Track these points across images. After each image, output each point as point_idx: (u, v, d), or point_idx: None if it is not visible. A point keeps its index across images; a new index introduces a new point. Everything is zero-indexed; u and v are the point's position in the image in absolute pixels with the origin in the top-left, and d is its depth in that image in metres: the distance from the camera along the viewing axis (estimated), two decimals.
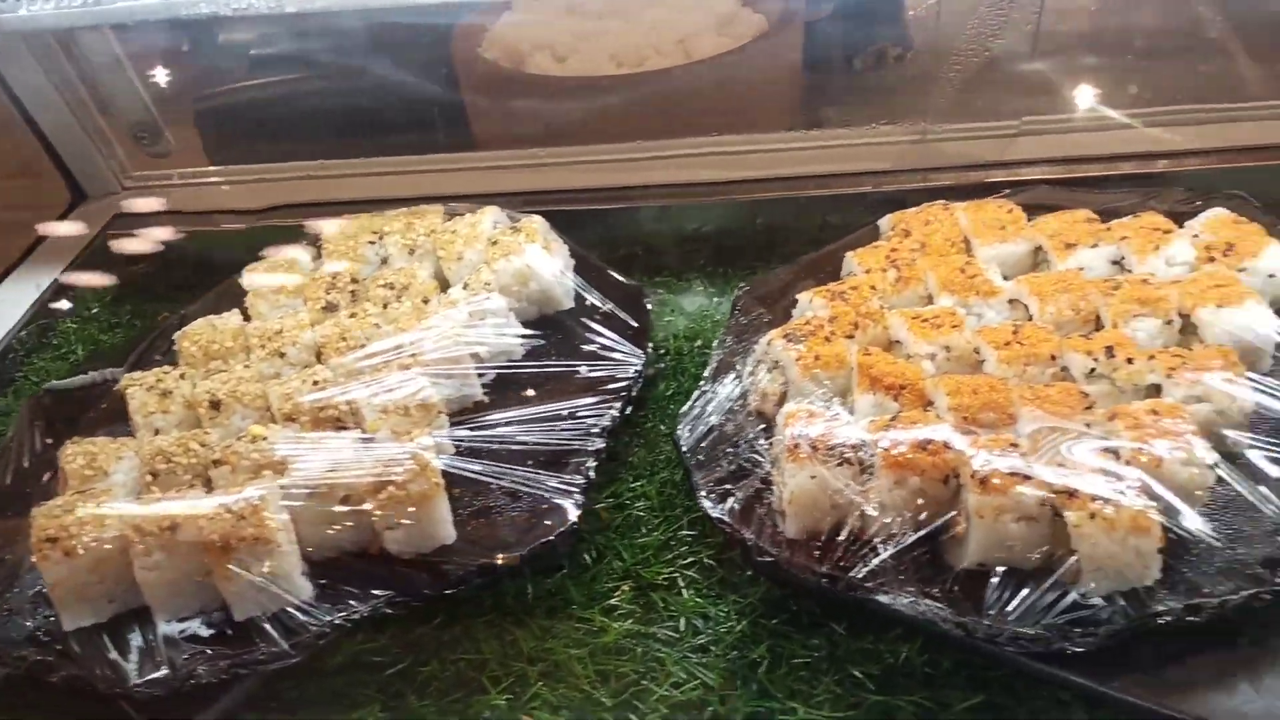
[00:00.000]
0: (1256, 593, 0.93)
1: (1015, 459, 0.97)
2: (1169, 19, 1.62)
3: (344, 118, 1.79)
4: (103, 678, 0.99)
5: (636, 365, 1.27)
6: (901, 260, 1.26)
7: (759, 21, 1.84)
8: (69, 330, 1.57)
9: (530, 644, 1.08)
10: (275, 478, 1.06)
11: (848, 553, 0.99)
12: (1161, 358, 1.08)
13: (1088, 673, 0.93)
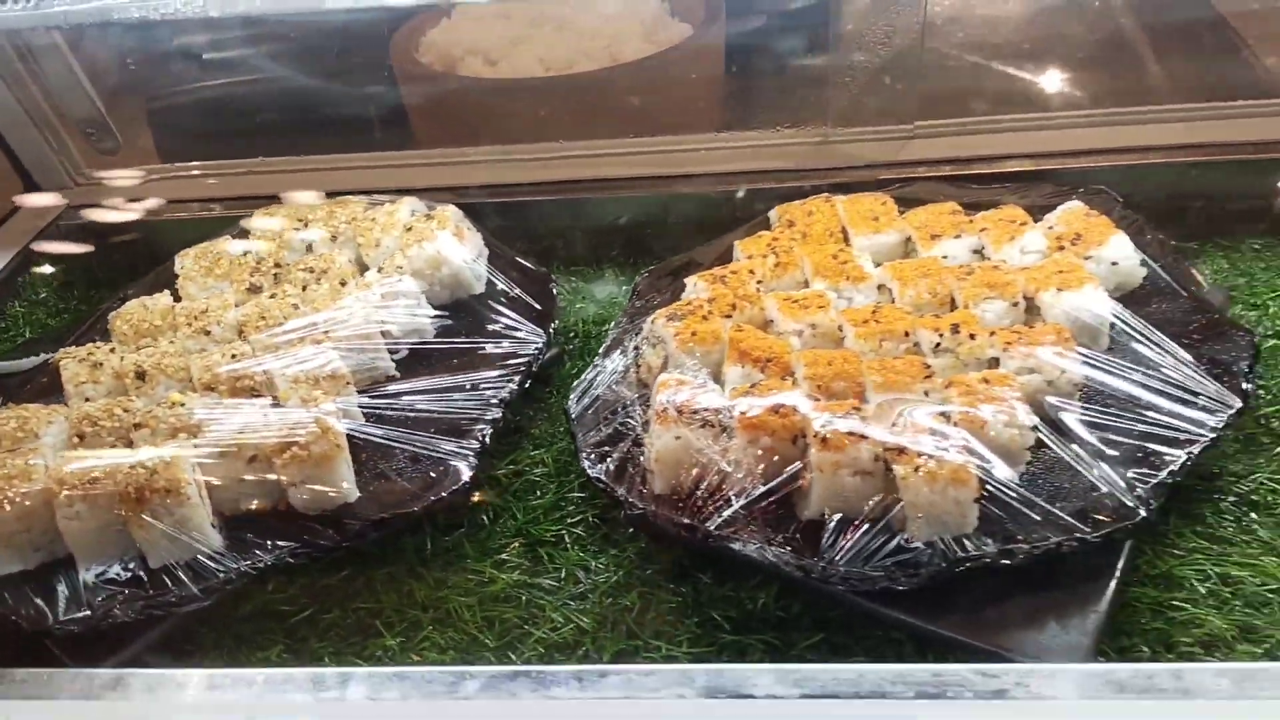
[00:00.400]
0: (1064, 541, 1.03)
1: (854, 421, 1.07)
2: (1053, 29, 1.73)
3: (287, 117, 1.89)
4: (27, 617, 1.09)
5: (537, 344, 1.37)
6: (781, 248, 1.36)
7: (683, 29, 1.95)
8: (17, 314, 1.66)
9: (425, 593, 1.17)
10: (190, 439, 1.16)
11: (706, 505, 1.09)
12: (1001, 334, 1.18)
13: (913, 611, 1.03)
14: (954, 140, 1.67)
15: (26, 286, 1.70)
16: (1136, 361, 1.19)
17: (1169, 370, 1.18)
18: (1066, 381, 1.15)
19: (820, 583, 1.04)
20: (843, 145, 1.69)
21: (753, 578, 1.12)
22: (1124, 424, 1.13)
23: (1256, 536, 1.11)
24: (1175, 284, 1.31)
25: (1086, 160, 1.60)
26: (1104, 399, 1.16)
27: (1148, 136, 1.62)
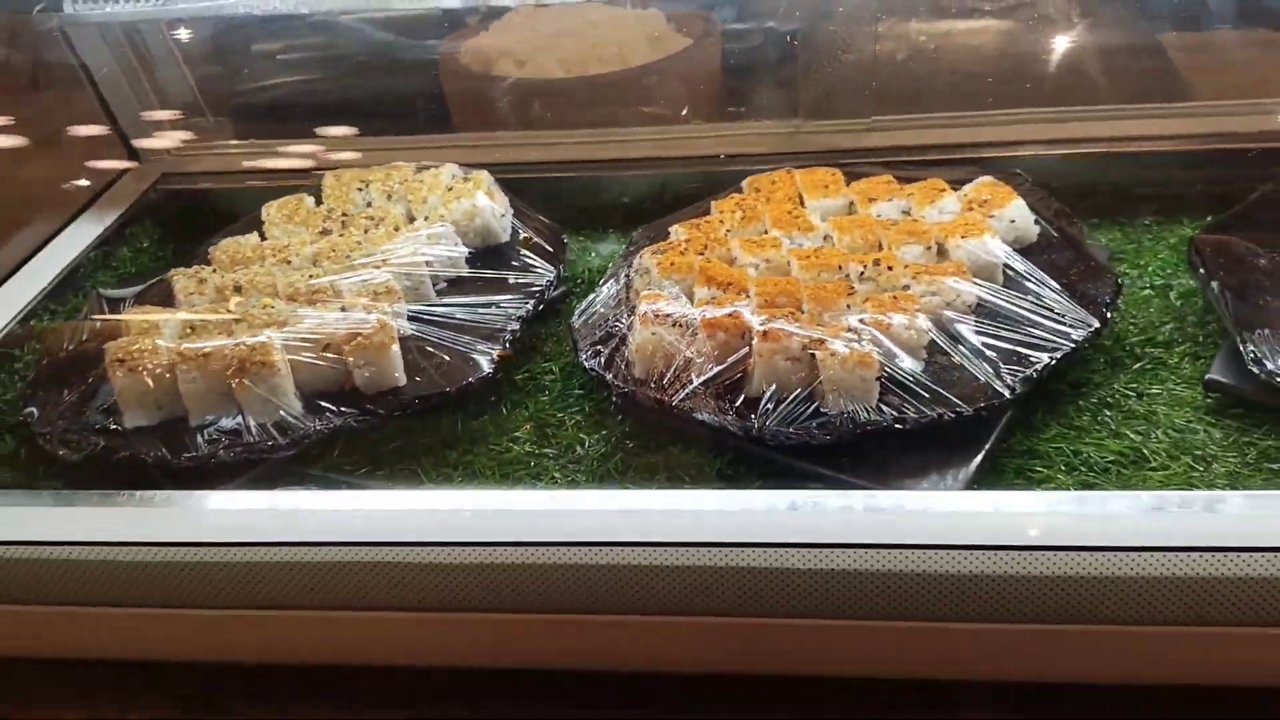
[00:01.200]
0: (944, 413, 1.34)
1: (787, 323, 1.40)
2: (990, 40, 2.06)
3: (350, 107, 2.22)
4: (152, 457, 1.42)
5: (549, 276, 1.70)
6: (747, 206, 1.70)
7: (684, 41, 2.29)
8: (125, 257, 2.01)
9: (455, 458, 1.49)
10: (278, 330, 1.50)
11: (673, 385, 1.41)
12: (913, 267, 1.51)
13: (829, 465, 1.34)
14: (905, 133, 2.00)
15: (132, 237, 2.05)
16: (1022, 292, 1.51)
17: (1046, 299, 1.50)
18: (962, 303, 1.47)
19: (757, 441, 1.36)
20: (811, 135, 2.02)
21: (709, 449, 1.44)
22: (1005, 335, 1.44)
23: (1107, 426, 1.42)
24: (1064, 241, 1.63)
25: (1014, 150, 1.91)
26: (992, 317, 1.47)
27: (1069, 132, 1.94)
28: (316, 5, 1.81)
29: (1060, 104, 1.98)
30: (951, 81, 2.05)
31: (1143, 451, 1.37)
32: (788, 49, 2.09)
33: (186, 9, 1.85)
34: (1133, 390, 1.47)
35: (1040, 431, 1.42)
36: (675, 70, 2.22)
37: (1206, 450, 1.36)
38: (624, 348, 1.50)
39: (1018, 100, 1.99)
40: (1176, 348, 1.54)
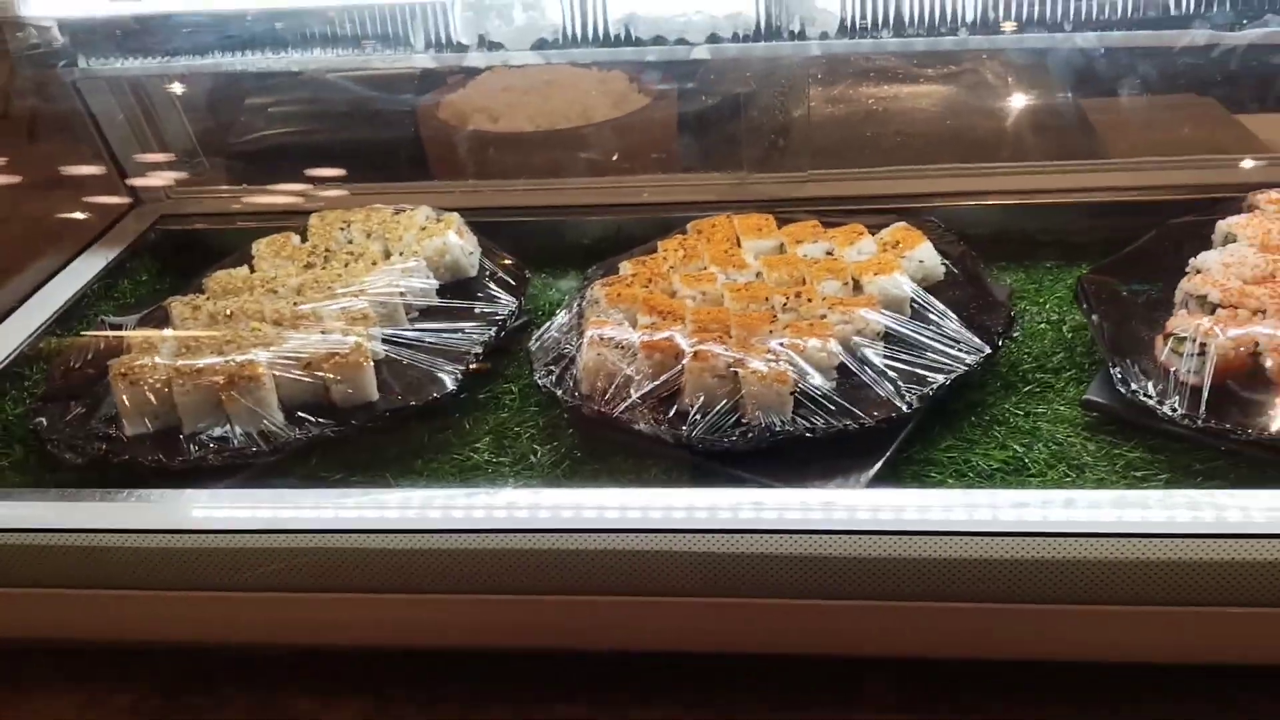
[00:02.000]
0: (849, 424, 1.53)
1: (716, 346, 1.59)
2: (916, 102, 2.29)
3: (336, 157, 2.43)
4: (149, 460, 1.60)
5: (511, 307, 1.90)
6: (688, 246, 1.90)
7: (642, 99, 2.51)
8: (126, 289, 2.20)
9: (421, 465, 1.66)
10: (264, 349, 1.68)
11: (614, 399, 1.60)
12: (829, 299, 1.71)
13: (749, 469, 1.52)
14: (838, 184, 2.21)
15: (132, 270, 2.23)
16: (925, 323, 1.71)
17: (946, 329, 1.69)
18: (871, 331, 1.67)
19: (687, 448, 1.54)
20: (755, 185, 2.23)
21: (648, 459, 1.62)
22: (907, 359, 1.64)
23: (996, 439, 1.61)
24: (967, 280, 1.84)
25: (933, 201, 2.13)
26: (898, 344, 1.67)
27: (984, 185, 2.16)
28: (305, 64, 2.01)
29: (977, 160, 2.21)
30: (881, 139, 2.28)
31: (1024, 461, 1.56)
32: (736, 108, 2.31)
33: (187, 65, 2.05)
34: (1021, 409, 1.66)
35: (936, 443, 1.61)
36: (633, 126, 2.43)
37: (1081, 460, 1.55)
38: (573, 367, 1.68)
39: (940, 156, 2.21)
40: (1064, 373, 1.74)
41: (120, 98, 2.24)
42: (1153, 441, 1.56)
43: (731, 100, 2.30)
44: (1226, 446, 1.47)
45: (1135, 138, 2.35)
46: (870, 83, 2.29)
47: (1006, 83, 2.31)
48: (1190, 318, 1.57)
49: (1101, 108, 2.38)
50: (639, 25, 1.88)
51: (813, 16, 1.83)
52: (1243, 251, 1.70)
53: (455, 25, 1.96)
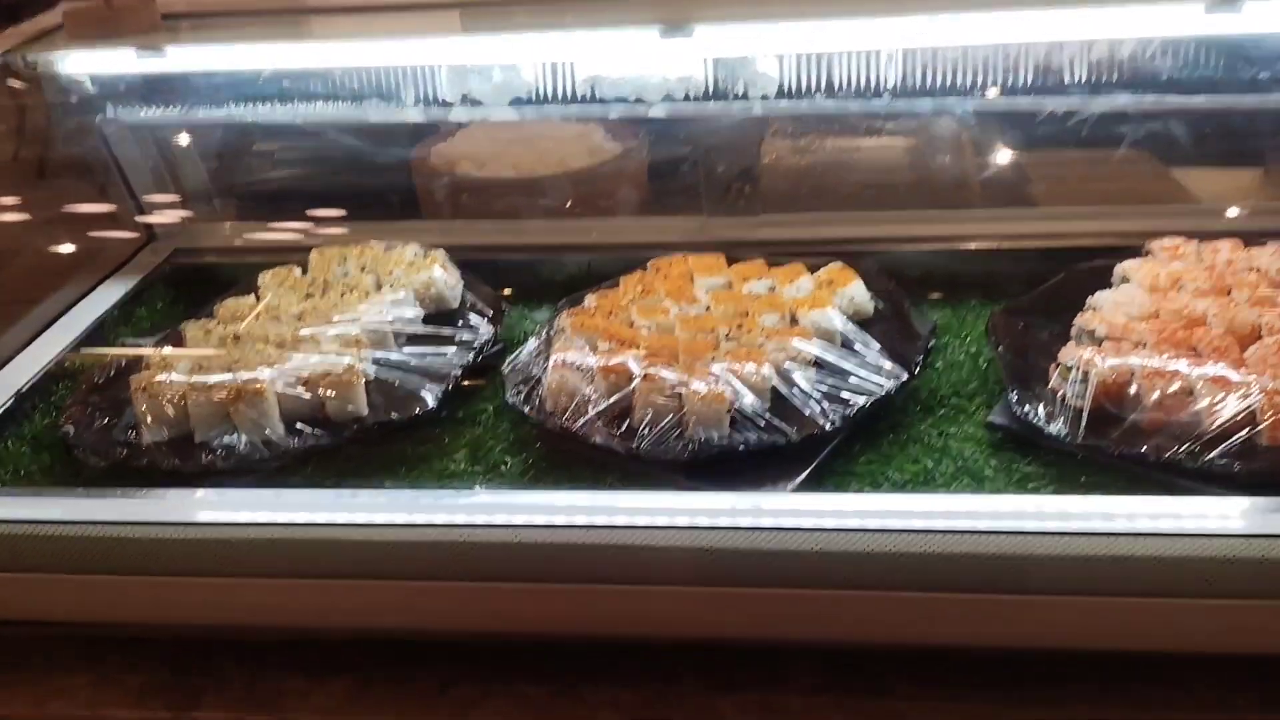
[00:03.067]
0: (776, 440, 1.75)
1: (665, 370, 1.81)
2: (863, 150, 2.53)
3: (336, 198, 2.65)
4: (165, 464, 1.82)
5: (489, 335, 2.12)
6: (647, 281, 2.13)
7: (616, 148, 2.75)
8: (143, 315, 2.42)
9: (403, 472, 1.88)
10: (268, 369, 1.91)
11: (574, 415, 1.82)
12: (768, 330, 1.93)
13: (691, 477, 1.74)
14: (787, 228, 2.44)
15: (149, 299, 2.46)
16: (852, 352, 1.93)
17: (870, 358, 1.92)
18: (802, 358, 1.89)
19: (637, 458, 1.76)
20: (713, 228, 2.47)
21: (605, 469, 1.84)
22: (833, 384, 1.86)
23: (910, 455, 1.82)
24: (893, 315, 2.07)
25: (873, 245, 2.35)
26: (825, 370, 1.89)
27: (919, 230, 2.39)
28: (309, 116, 2.25)
29: (914, 207, 2.44)
30: (828, 187, 2.52)
31: (933, 474, 1.77)
32: (697, 159, 2.55)
33: (203, 115, 2.29)
34: (936, 430, 1.88)
35: (855, 461, 1.82)
36: (605, 174, 2.68)
37: (983, 473, 1.77)
38: (540, 388, 1.91)
39: (880, 204, 2.45)
40: (976, 399, 1.95)
41: (141, 143, 2.47)
42: (1046, 457, 1.77)
43: (693, 151, 2.54)
44: (1104, 461, 1.69)
45: (1067, 188, 2.58)
46: (819, 135, 2.52)
47: (943, 135, 2.54)
48: (1077, 349, 1.80)
49: (1035, 160, 2.61)
50: (602, 86, 2.12)
51: (754, 80, 2.06)
52: (1132, 292, 1.93)
53: (441, 83, 2.20)
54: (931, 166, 2.47)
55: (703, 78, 2.06)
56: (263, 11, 2.25)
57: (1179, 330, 1.80)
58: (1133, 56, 2.00)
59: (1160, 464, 1.63)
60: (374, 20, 2.24)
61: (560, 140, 2.73)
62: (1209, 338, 1.77)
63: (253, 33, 2.19)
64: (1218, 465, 1.60)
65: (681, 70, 2.06)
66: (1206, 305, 1.86)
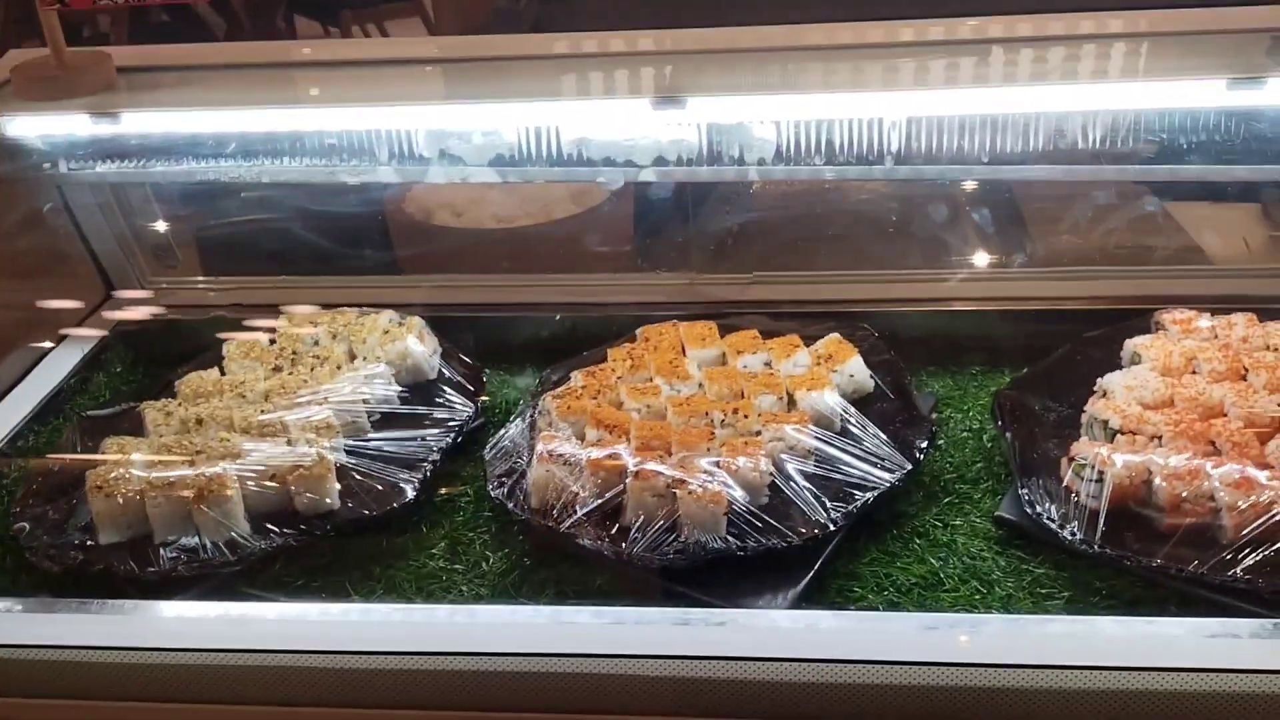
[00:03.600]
0: (778, 543, 1.65)
1: (657, 464, 1.71)
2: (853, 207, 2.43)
3: (303, 249, 2.54)
4: (121, 570, 1.70)
5: (468, 413, 2.01)
6: (636, 355, 2.02)
7: (601, 196, 2.64)
8: (100, 381, 2.29)
9: (379, 571, 1.77)
10: (233, 461, 1.79)
11: (562, 514, 1.72)
12: (765, 416, 1.83)
13: (686, 584, 1.64)
14: (780, 287, 2.34)
15: (107, 363, 2.33)
16: (852, 439, 1.84)
17: (870, 445, 1.82)
18: (801, 448, 1.79)
19: (628, 563, 1.66)
20: (702, 286, 2.36)
21: (593, 569, 1.74)
22: (834, 477, 1.77)
23: (915, 552, 1.73)
24: (894, 392, 1.97)
25: (869, 306, 2.26)
26: (825, 461, 1.80)
27: (914, 291, 2.30)
28: (276, 173, 2.12)
29: (910, 267, 2.35)
30: (822, 245, 2.41)
31: (940, 576, 1.68)
32: (686, 213, 2.44)
33: (164, 171, 2.16)
34: (940, 521, 1.79)
35: (861, 556, 1.73)
36: (592, 223, 2.57)
37: (991, 576, 1.68)
38: (524, 481, 1.80)
39: (876, 263, 2.35)
40: (982, 484, 1.87)
41: (100, 200, 2.34)
42: (1059, 558, 1.68)
43: (682, 207, 2.43)
44: (1122, 568, 1.60)
45: (1067, 249, 2.49)
46: (812, 192, 2.42)
47: (942, 192, 2.45)
48: (1091, 445, 1.71)
49: (1035, 221, 2.52)
50: (590, 147, 2.00)
51: (751, 144, 1.96)
52: (1144, 375, 1.84)
53: (418, 142, 2.08)
54: (933, 222, 2.37)
55: (697, 140, 1.95)
56: (225, 66, 2.12)
57: (1196, 422, 1.71)
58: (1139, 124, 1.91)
59: (1179, 576, 1.54)
60: (347, 77, 2.12)
61: (541, 187, 2.61)
62: (1228, 431, 1.69)
63: (214, 88, 2.06)
64: (1241, 580, 1.51)
65: (675, 132, 1.95)
66: (1224, 393, 1.77)
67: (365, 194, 2.57)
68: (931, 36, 1.99)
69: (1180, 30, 1.94)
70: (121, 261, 2.46)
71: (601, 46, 2.14)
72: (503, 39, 2.36)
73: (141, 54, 2.22)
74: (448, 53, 2.30)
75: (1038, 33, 1.97)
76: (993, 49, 1.93)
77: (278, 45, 3.54)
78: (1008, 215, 2.45)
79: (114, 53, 2.02)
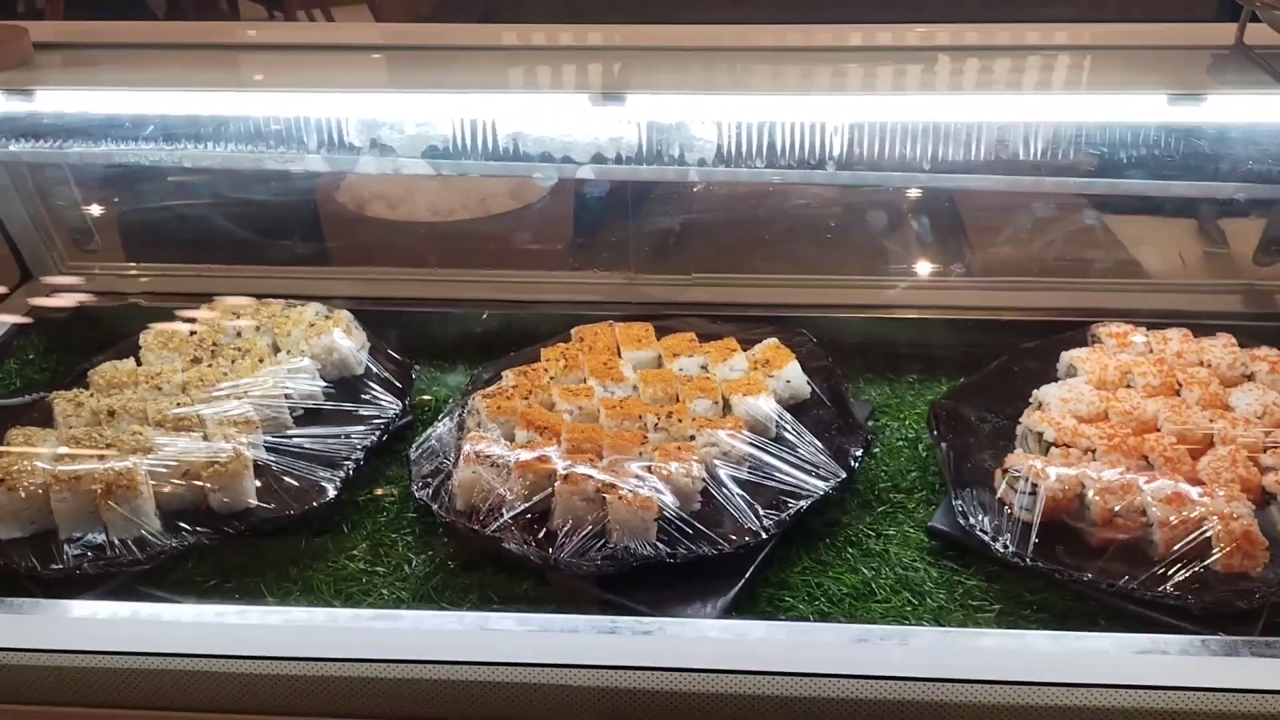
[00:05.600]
0: (708, 550, 1.61)
1: (587, 468, 1.66)
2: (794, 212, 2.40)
3: (229, 234, 2.46)
4: (22, 567, 1.61)
5: (395, 410, 1.95)
6: (570, 355, 1.97)
7: (540, 191, 2.59)
8: (11, 369, 2.20)
9: (296, 573, 1.70)
10: (144, 456, 1.71)
11: (488, 517, 1.67)
12: (699, 421, 1.79)
13: (615, 590, 1.59)
14: (719, 289, 2.31)
15: (19, 349, 2.23)
16: (786, 446, 1.81)
17: (805, 452, 1.79)
18: (735, 454, 1.76)
19: (555, 569, 1.61)
20: (641, 287, 2.32)
21: (519, 573, 1.69)
22: (768, 484, 1.73)
23: (847, 562, 1.71)
24: (830, 399, 1.94)
25: (807, 311, 2.24)
26: (759, 468, 1.76)
27: (853, 297, 2.28)
28: (198, 160, 2.04)
29: (849, 273, 2.33)
30: (762, 248, 2.38)
31: (872, 586, 1.66)
32: (628, 207, 2.40)
33: (81, 153, 2.06)
34: (874, 530, 1.77)
35: (793, 565, 1.70)
36: (530, 219, 2.51)
37: (923, 587, 1.66)
38: (450, 481, 1.74)
39: (816, 268, 2.33)
40: (916, 494, 1.85)
41: (16, 180, 2.24)
42: (991, 570, 1.67)
43: (622, 202, 2.39)
44: (1053, 581, 1.59)
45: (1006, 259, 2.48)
46: (754, 195, 2.39)
47: (884, 198, 2.44)
48: (1025, 457, 1.69)
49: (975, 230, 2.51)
50: (526, 142, 1.96)
51: (693, 144, 1.92)
52: (1080, 388, 1.84)
53: (348, 130, 2.01)
54: (874, 229, 2.36)
55: (636, 138, 1.91)
56: (158, 45, 2.04)
57: (1130, 437, 1.71)
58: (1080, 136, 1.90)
59: (1110, 591, 1.53)
60: (283, 61, 2.05)
61: (480, 180, 2.55)
62: (1161, 446, 1.69)
63: (143, 68, 1.98)
64: (1171, 597, 1.50)
65: (614, 129, 1.90)
66: (1157, 408, 1.77)
67: (296, 182, 2.50)
68: (879, 42, 1.97)
69: (1124, 44, 1.94)
70: (38, 245, 2.36)
71: (550, 40, 2.10)
72: (449, 28, 2.31)
73: (72, 29, 2.15)
74: (391, 39, 2.24)
75: (985, 42, 1.97)
76: (940, 57, 1.92)
77: (215, 25, 3.43)
78: (948, 224, 2.44)
79: (44, 27, 1.95)
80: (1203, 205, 2.37)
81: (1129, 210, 2.33)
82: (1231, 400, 1.81)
